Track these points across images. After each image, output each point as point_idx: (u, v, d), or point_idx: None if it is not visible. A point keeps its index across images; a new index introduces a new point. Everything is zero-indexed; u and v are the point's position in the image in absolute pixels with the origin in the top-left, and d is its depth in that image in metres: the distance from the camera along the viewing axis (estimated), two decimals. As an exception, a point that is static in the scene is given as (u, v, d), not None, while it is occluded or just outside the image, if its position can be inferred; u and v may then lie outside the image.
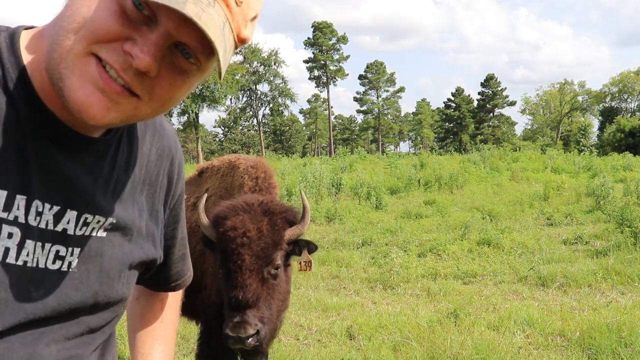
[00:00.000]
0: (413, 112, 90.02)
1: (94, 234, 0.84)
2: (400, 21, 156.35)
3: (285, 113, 68.53)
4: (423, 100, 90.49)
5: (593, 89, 72.67)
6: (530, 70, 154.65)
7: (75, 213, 0.80)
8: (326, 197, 13.52)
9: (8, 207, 0.73)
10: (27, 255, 0.76)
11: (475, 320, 4.93)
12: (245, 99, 63.87)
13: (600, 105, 70.79)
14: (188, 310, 2.98)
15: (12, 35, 0.78)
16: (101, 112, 0.71)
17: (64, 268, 0.80)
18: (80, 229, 0.82)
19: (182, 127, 44.67)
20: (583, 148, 46.37)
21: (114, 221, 0.86)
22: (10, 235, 0.73)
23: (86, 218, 0.82)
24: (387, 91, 79.98)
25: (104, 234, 0.86)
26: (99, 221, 0.84)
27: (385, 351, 4.30)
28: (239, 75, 51.39)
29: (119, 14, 0.69)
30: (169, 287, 1.16)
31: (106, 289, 0.86)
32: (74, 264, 0.81)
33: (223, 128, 74.04)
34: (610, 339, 4.26)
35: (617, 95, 69.79)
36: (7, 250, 0.73)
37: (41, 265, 0.77)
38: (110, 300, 0.87)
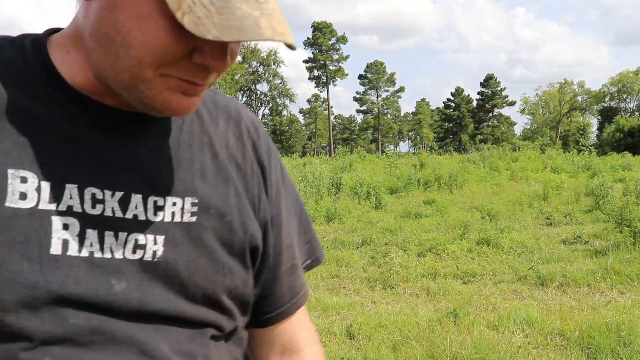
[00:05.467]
0: (413, 112, 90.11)
1: (177, 219, 0.77)
2: (398, 21, 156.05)
3: (285, 113, 68.72)
4: (423, 100, 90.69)
5: (592, 89, 72.86)
6: (529, 70, 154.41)
7: (140, 197, 0.75)
8: (326, 197, 13.53)
9: (58, 198, 0.70)
10: (91, 245, 0.71)
11: (475, 320, 4.94)
12: (244, 99, 64.03)
13: (600, 105, 70.88)
14: None
15: (38, 40, 0.76)
16: (191, 109, 0.73)
17: (148, 258, 0.74)
18: (156, 215, 0.76)
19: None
20: (582, 148, 46.41)
21: (196, 201, 0.79)
22: (66, 227, 0.70)
23: (156, 201, 0.76)
24: (387, 91, 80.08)
25: (194, 219, 0.79)
26: (174, 203, 0.77)
27: (385, 351, 4.31)
28: (239, 75, 51.40)
29: (176, 29, 0.64)
30: (284, 310, 0.96)
31: (197, 279, 0.78)
32: (160, 253, 0.75)
33: (223, 128, 73.85)
34: (610, 338, 4.28)
35: (616, 95, 69.89)
36: (66, 242, 0.69)
37: (119, 256, 0.73)
38: (206, 292, 0.79)
